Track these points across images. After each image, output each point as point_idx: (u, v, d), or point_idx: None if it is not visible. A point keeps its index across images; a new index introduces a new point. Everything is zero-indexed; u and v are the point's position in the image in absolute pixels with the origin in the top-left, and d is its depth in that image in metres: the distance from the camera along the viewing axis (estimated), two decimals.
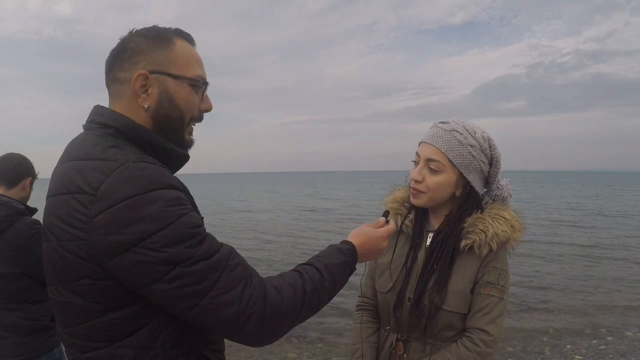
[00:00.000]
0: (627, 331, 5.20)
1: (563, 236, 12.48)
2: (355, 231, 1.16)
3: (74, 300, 0.85)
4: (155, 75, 0.94)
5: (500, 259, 1.33)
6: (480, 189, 1.42)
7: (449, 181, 1.35)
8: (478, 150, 1.36)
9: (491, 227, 1.32)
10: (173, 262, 0.79)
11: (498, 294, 1.30)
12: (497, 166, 1.41)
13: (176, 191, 0.85)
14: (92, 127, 0.95)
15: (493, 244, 1.31)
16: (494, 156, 1.40)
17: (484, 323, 1.28)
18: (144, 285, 0.81)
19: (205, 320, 0.84)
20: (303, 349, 4.76)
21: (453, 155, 1.33)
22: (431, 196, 1.37)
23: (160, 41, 0.95)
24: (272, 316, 0.87)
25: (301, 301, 0.92)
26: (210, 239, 0.86)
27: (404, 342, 1.39)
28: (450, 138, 1.34)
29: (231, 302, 0.83)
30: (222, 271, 0.83)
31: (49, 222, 0.87)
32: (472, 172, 1.36)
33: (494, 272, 1.31)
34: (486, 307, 1.29)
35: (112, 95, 0.98)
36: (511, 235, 1.34)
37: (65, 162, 0.91)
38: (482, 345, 1.27)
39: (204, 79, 1.00)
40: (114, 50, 0.97)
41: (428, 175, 1.36)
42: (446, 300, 1.32)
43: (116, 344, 0.85)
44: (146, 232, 0.78)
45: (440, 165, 1.34)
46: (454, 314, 1.32)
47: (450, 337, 1.34)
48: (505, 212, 1.37)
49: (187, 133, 1.01)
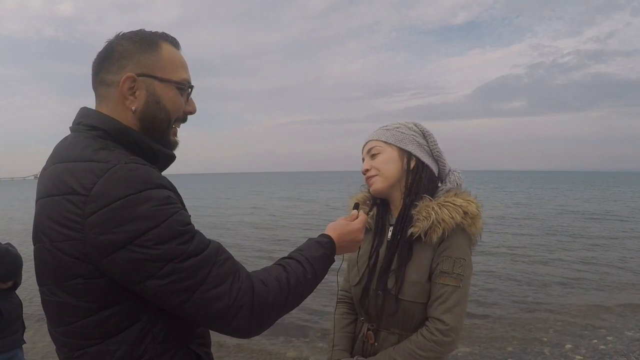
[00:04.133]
0: (627, 331, 5.21)
1: (563, 236, 12.49)
2: (332, 225, 1.22)
3: (67, 300, 0.87)
4: (142, 78, 0.96)
5: (455, 247, 1.34)
6: (430, 162, 1.47)
7: (391, 156, 1.45)
8: (405, 128, 1.49)
9: (434, 213, 1.34)
10: (166, 258, 0.83)
11: (454, 283, 1.31)
12: (431, 137, 1.49)
13: (166, 190, 0.88)
14: (80, 129, 0.96)
15: (438, 231, 1.33)
16: (423, 130, 1.50)
17: (440, 312, 1.30)
18: (137, 282, 0.84)
19: (196, 314, 0.87)
20: (303, 349, 4.76)
21: (385, 137, 1.47)
22: (383, 174, 1.45)
23: (147, 45, 0.97)
24: (260, 308, 0.91)
25: (286, 293, 0.96)
26: (200, 235, 0.89)
27: (375, 331, 1.45)
28: (379, 131, 1.51)
29: (221, 296, 0.87)
30: (212, 266, 0.87)
31: (42, 223, 0.88)
32: (409, 144, 1.46)
33: (448, 261, 1.33)
34: (441, 296, 1.31)
35: (99, 97, 1.00)
36: (465, 222, 1.34)
37: (55, 163, 0.92)
38: (438, 334, 1.29)
39: (189, 82, 1.03)
40: (100, 52, 0.99)
41: (372, 161, 1.48)
42: (402, 290, 1.36)
43: (108, 340, 0.88)
44: (139, 231, 0.81)
45: (378, 148, 1.47)
46: (414, 304, 1.35)
47: (418, 327, 1.36)
48: (457, 199, 1.38)
49: (172, 134, 1.04)
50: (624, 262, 9.09)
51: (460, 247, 1.35)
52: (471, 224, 1.36)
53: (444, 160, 1.50)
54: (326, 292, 6.41)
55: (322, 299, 6.06)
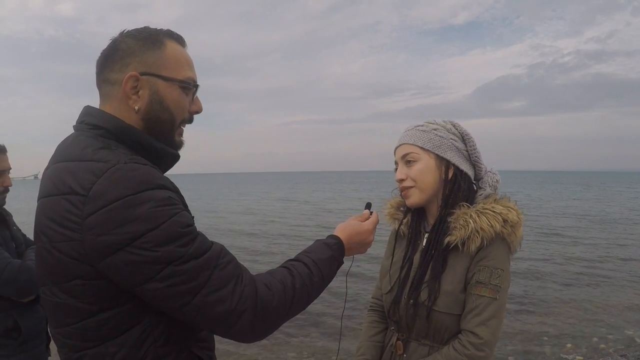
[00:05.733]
0: (627, 331, 5.21)
1: (563, 236, 12.49)
2: (341, 225, 1.18)
3: (66, 301, 0.86)
4: (146, 77, 0.94)
5: (493, 257, 1.27)
6: (468, 168, 1.40)
7: (428, 165, 1.36)
8: (444, 131, 1.39)
9: (472, 221, 1.27)
10: (165, 261, 0.81)
11: (490, 294, 1.25)
12: (471, 141, 1.41)
13: (167, 191, 0.86)
14: (82, 128, 0.96)
15: (477, 240, 1.26)
16: (462, 132, 1.41)
17: (473, 325, 1.24)
18: (136, 285, 0.82)
19: (197, 318, 0.85)
20: (303, 349, 4.76)
21: (422, 142, 1.37)
22: (420, 186, 1.37)
23: (151, 43, 0.96)
24: (264, 313, 0.89)
25: (291, 297, 0.94)
26: (201, 237, 0.87)
27: (404, 342, 1.40)
28: (414, 132, 1.40)
29: (223, 300, 0.84)
30: (213, 269, 0.85)
31: (41, 223, 0.88)
32: (448, 151, 1.37)
33: (485, 271, 1.26)
34: (476, 308, 1.25)
35: (102, 96, 0.99)
36: (505, 230, 1.27)
37: (56, 163, 0.91)
38: (471, 348, 1.23)
39: (194, 81, 1.01)
40: (104, 51, 0.97)
41: (408, 169, 1.39)
42: (437, 301, 1.30)
43: (107, 342, 0.86)
44: (138, 232, 0.79)
45: (414, 155, 1.37)
46: (447, 315, 1.30)
47: (450, 339, 1.31)
48: (497, 206, 1.31)
49: (177, 135, 1.03)
50: (624, 262, 9.09)
51: (498, 257, 1.27)
52: (511, 233, 1.28)
53: (481, 164, 1.42)
54: (327, 292, 6.39)
55: (322, 299, 6.08)
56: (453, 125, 1.41)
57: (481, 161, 1.42)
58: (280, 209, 22.40)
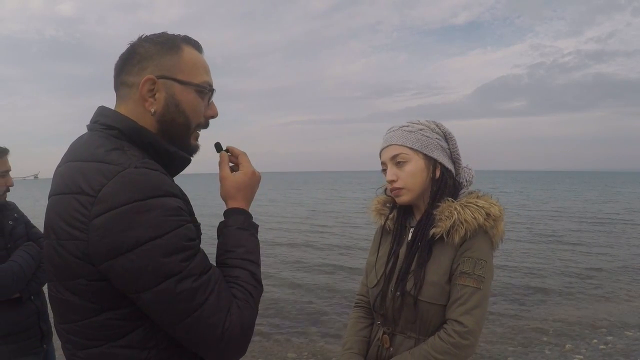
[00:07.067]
0: (627, 331, 5.21)
1: (563, 237, 12.49)
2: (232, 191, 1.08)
3: (70, 299, 0.87)
4: (162, 81, 0.95)
5: (476, 249, 1.32)
6: (450, 165, 1.45)
7: (419, 166, 1.40)
8: (429, 131, 1.43)
9: (456, 213, 1.32)
10: (164, 273, 0.81)
11: (474, 284, 1.29)
12: (453, 140, 1.46)
13: (176, 199, 0.86)
14: (96, 128, 0.96)
15: (461, 231, 1.31)
16: (445, 131, 1.46)
17: (458, 314, 1.28)
18: (132, 292, 0.83)
19: (186, 337, 0.86)
20: (303, 349, 4.76)
21: (411, 143, 1.41)
22: (411, 187, 1.41)
23: (168, 47, 0.97)
24: (246, 335, 0.90)
25: (256, 304, 0.95)
26: (202, 255, 0.87)
27: (390, 335, 1.42)
28: (401, 132, 1.43)
29: (215, 326, 0.85)
30: (210, 294, 0.85)
31: (51, 220, 0.88)
32: (435, 150, 1.42)
33: (469, 262, 1.30)
34: (461, 297, 1.29)
35: (119, 98, 1.00)
36: (487, 223, 1.32)
37: (68, 161, 0.92)
38: (456, 337, 1.26)
39: (210, 85, 1.02)
40: (123, 54, 0.99)
41: (399, 171, 1.42)
42: (422, 292, 1.33)
43: (111, 343, 0.87)
44: (141, 239, 0.79)
45: (404, 155, 1.41)
46: (432, 305, 1.33)
47: (435, 331, 1.33)
48: (480, 200, 1.37)
49: (192, 138, 1.03)
50: (624, 261, 9.08)
51: (481, 248, 1.32)
52: (493, 226, 1.34)
53: (460, 161, 1.49)
54: (327, 292, 6.44)
55: (323, 299, 6.08)
56: (436, 125, 1.46)
57: (460, 159, 1.49)
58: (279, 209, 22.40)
